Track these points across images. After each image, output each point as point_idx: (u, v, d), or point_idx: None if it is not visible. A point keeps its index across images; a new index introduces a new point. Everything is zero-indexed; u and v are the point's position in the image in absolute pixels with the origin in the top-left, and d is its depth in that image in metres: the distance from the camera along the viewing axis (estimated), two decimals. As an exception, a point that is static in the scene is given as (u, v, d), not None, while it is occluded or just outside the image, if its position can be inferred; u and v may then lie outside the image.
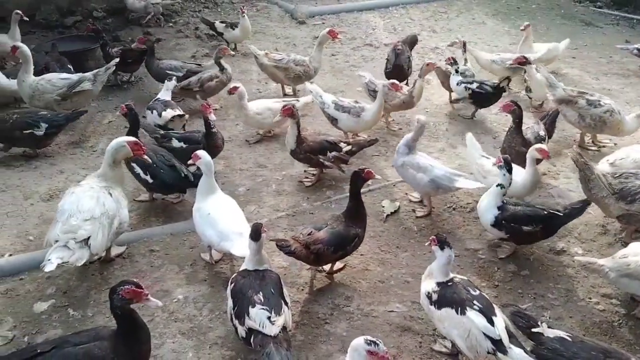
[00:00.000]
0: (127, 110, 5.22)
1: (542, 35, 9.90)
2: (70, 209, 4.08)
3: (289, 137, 5.47)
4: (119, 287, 3.09)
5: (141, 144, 4.38)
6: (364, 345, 2.85)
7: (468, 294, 3.50)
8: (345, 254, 4.23)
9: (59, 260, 3.79)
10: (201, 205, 4.37)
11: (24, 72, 6.31)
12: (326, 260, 4.23)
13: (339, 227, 4.18)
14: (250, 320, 3.36)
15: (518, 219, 4.39)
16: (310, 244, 4.03)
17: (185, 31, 9.70)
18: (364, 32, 10.02)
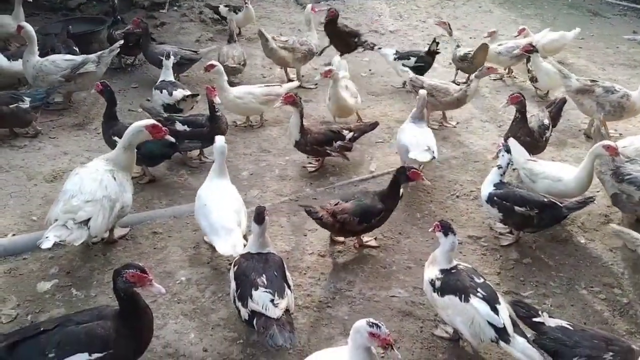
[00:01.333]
0: (102, 87, 5.24)
1: (549, 24, 9.82)
2: (73, 190, 4.09)
3: (293, 128, 5.39)
4: (124, 270, 3.07)
5: (160, 126, 4.33)
6: (366, 327, 2.85)
7: (472, 281, 3.49)
8: (369, 227, 4.34)
9: (56, 238, 3.80)
10: (202, 193, 4.37)
11: (29, 52, 6.30)
12: (351, 231, 4.34)
13: (366, 200, 4.31)
14: (253, 302, 3.36)
15: (511, 198, 4.40)
16: (337, 212, 4.21)
17: (189, 15, 9.66)
18: (369, 18, 9.97)
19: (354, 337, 2.89)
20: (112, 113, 5.25)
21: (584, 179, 4.66)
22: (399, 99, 7.20)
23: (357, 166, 5.76)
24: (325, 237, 4.71)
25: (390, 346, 2.79)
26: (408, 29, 9.58)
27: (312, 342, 3.71)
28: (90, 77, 6.42)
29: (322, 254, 4.53)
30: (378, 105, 7.07)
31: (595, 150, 4.57)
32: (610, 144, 4.56)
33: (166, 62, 6.38)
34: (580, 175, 4.66)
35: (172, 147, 5.13)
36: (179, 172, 5.54)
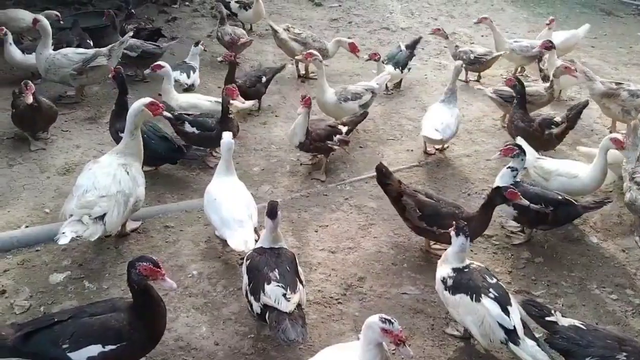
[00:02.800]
0: (115, 74, 5.30)
1: (562, 23, 9.78)
2: (86, 185, 4.10)
3: (298, 129, 5.21)
4: (137, 263, 3.06)
5: (157, 102, 4.35)
6: (379, 323, 2.85)
7: (484, 281, 3.48)
8: (430, 231, 4.21)
9: (73, 234, 3.82)
10: (211, 189, 4.37)
11: (42, 45, 6.33)
12: (408, 219, 4.27)
13: (445, 208, 4.17)
14: (265, 296, 3.37)
15: (526, 196, 4.31)
16: (406, 193, 4.25)
17: (201, 10, 9.67)
18: (380, 15, 9.95)
19: (366, 333, 2.89)
20: (123, 101, 5.26)
21: (598, 174, 4.65)
22: (411, 96, 7.19)
23: (368, 163, 5.76)
24: (336, 234, 4.71)
25: (402, 343, 2.79)
26: (419, 26, 9.56)
27: (322, 338, 3.72)
28: (102, 70, 6.42)
29: (332, 250, 4.53)
30: (389, 102, 7.05)
31: (604, 144, 4.59)
32: (617, 136, 4.58)
33: (194, 48, 6.86)
34: (594, 170, 4.66)
35: (179, 152, 5.16)
36: (190, 166, 5.55)
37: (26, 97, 5.27)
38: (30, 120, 5.56)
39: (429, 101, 7.01)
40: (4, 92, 6.74)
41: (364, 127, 6.40)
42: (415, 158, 5.80)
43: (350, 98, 5.97)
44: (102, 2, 9.64)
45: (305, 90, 7.22)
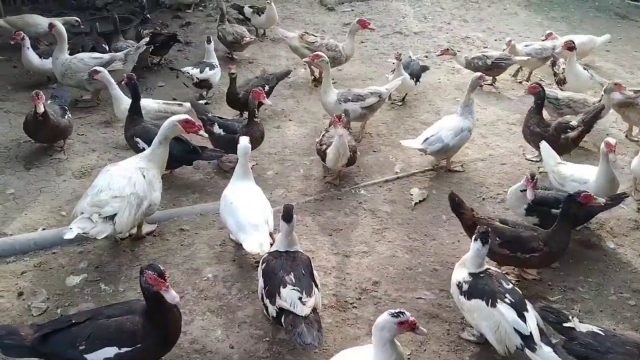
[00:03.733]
0: (128, 80, 5.34)
1: (575, 27, 9.74)
2: (102, 185, 4.15)
3: (344, 150, 5.01)
4: (146, 270, 3.06)
5: (193, 121, 4.38)
6: (392, 319, 2.86)
7: (500, 286, 3.45)
8: (514, 257, 4.00)
9: (79, 230, 3.86)
10: (227, 193, 4.39)
11: (59, 50, 6.41)
12: (492, 250, 3.92)
13: (524, 232, 4.00)
14: (281, 300, 3.37)
15: (547, 202, 4.41)
16: (481, 219, 4.06)
17: (215, 15, 9.71)
18: (393, 19, 9.95)
19: (379, 334, 2.90)
20: (136, 108, 5.32)
21: (601, 180, 4.62)
22: (425, 101, 7.17)
23: (381, 167, 5.75)
24: (350, 238, 4.71)
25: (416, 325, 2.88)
26: (432, 30, 9.54)
27: (337, 342, 3.71)
28: (118, 75, 6.47)
29: (347, 254, 4.53)
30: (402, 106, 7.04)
31: (603, 149, 4.58)
32: (608, 140, 4.59)
33: (207, 46, 7.04)
34: (598, 176, 4.64)
35: (195, 154, 5.18)
36: (205, 170, 5.58)
37: (37, 107, 5.19)
38: (34, 131, 5.46)
39: (442, 105, 7.00)
40: (20, 96, 6.84)
41: (378, 131, 6.40)
42: (429, 162, 5.79)
43: (350, 99, 5.96)
44: (117, 7, 9.74)
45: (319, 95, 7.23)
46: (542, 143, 5.10)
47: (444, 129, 5.41)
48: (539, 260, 4.00)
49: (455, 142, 5.41)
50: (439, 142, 5.36)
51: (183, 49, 8.29)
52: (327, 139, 5.24)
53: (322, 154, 5.22)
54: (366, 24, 7.15)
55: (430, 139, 5.39)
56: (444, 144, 5.36)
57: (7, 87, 7.03)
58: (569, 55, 6.63)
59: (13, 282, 4.13)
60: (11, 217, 4.79)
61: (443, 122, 5.56)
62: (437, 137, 5.38)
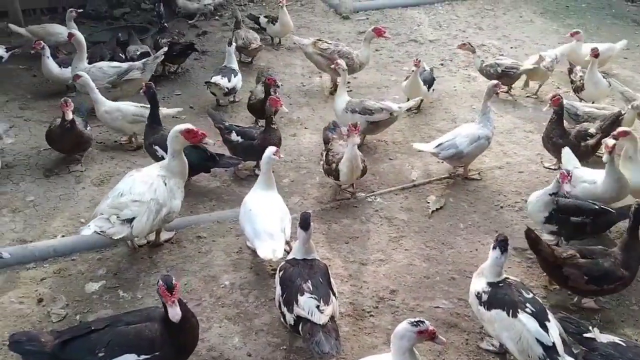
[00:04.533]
0: (147, 89, 5.38)
1: (592, 34, 9.65)
2: (123, 189, 4.22)
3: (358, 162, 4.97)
4: (159, 280, 3.07)
5: (195, 130, 4.35)
6: (411, 328, 2.86)
7: (520, 296, 3.42)
8: (600, 291, 3.92)
9: (96, 228, 3.92)
10: (247, 200, 4.42)
11: (78, 59, 6.49)
12: (573, 287, 3.96)
13: (606, 263, 3.87)
14: (298, 308, 3.37)
15: (568, 209, 4.40)
16: (565, 262, 3.88)
17: (230, 24, 9.76)
18: (408, 28, 9.94)
19: (399, 343, 2.89)
20: (155, 116, 5.38)
21: (610, 181, 4.64)
22: (441, 108, 7.15)
23: (397, 174, 5.74)
24: (367, 246, 4.70)
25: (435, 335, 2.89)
26: (447, 38, 9.51)
27: (355, 351, 3.70)
28: (136, 84, 6.54)
29: (363, 262, 4.52)
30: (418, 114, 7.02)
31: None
32: (607, 142, 4.63)
33: (228, 48, 7.04)
34: (606, 178, 4.67)
35: (212, 161, 5.21)
36: (222, 178, 5.60)
37: (66, 113, 5.26)
38: (58, 139, 5.47)
39: (458, 113, 6.97)
40: (40, 104, 6.93)
41: (394, 139, 6.38)
42: (445, 170, 5.76)
43: (357, 111, 5.86)
44: (135, 17, 9.85)
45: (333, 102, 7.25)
46: (565, 148, 5.12)
47: (460, 135, 5.38)
48: (622, 286, 3.93)
49: (470, 150, 5.36)
50: (452, 148, 5.34)
51: (199, 57, 8.34)
52: (333, 156, 5.09)
53: (334, 172, 5.03)
54: (382, 32, 7.14)
55: (445, 144, 5.37)
56: (457, 150, 5.33)
57: (26, 96, 7.13)
58: (591, 63, 6.57)
59: (33, 288, 4.18)
60: (31, 224, 4.85)
61: (461, 129, 5.55)
62: (452, 142, 5.36)
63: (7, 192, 5.25)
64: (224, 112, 6.75)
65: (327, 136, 5.46)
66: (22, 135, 6.16)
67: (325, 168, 5.19)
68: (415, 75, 6.60)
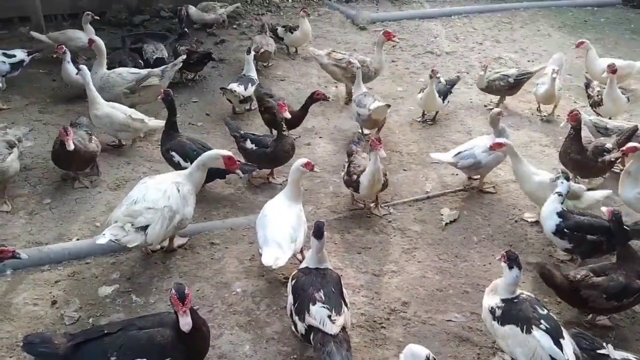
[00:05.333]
0: (165, 95, 5.44)
1: (611, 49, 9.60)
2: (137, 197, 4.24)
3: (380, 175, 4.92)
4: (172, 288, 3.07)
5: (234, 158, 4.48)
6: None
7: (535, 312, 3.38)
8: (620, 307, 3.89)
9: (111, 236, 3.94)
10: (268, 205, 4.46)
11: (98, 64, 6.59)
12: (593, 307, 3.90)
13: (619, 275, 3.85)
14: (310, 317, 3.36)
15: (582, 227, 4.33)
16: (582, 286, 3.84)
17: (248, 33, 9.86)
18: (425, 39, 9.96)
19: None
20: (173, 123, 5.43)
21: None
22: (456, 120, 7.14)
23: (411, 186, 5.72)
24: (379, 257, 4.68)
25: None
26: (464, 50, 9.52)
27: (366, 362, 3.68)
28: (154, 90, 6.60)
29: (376, 273, 4.50)
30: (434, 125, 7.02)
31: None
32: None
33: (247, 57, 7.22)
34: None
35: None
36: (236, 185, 5.63)
37: (67, 144, 5.01)
38: (65, 161, 5.31)
39: (473, 125, 6.96)
40: (59, 108, 7.02)
41: (408, 150, 6.38)
42: (460, 182, 5.74)
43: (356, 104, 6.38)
44: (154, 24, 9.97)
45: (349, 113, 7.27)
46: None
47: (478, 145, 5.38)
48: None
49: (488, 161, 5.36)
50: (471, 157, 5.34)
51: (217, 65, 8.41)
52: (355, 168, 5.07)
53: (355, 183, 4.99)
54: (391, 36, 7.26)
55: (463, 153, 5.38)
56: (475, 160, 5.33)
57: (46, 100, 7.23)
58: (609, 79, 6.53)
59: (47, 290, 4.22)
60: (47, 227, 4.90)
61: (478, 140, 5.55)
62: (470, 152, 5.36)
63: (25, 195, 5.32)
64: (239, 120, 6.79)
65: (351, 149, 5.45)
66: (41, 139, 6.24)
67: (345, 179, 5.17)
68: (431, 86, 6.60)
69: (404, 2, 12.14)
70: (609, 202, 5.10)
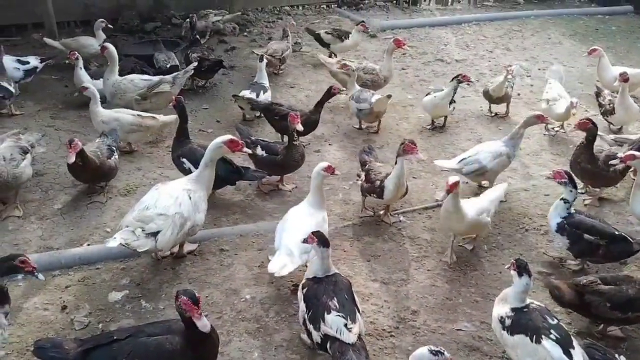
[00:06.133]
0: (177, 102, 5.48)
1: (622, 58, 9.57)
2: (148, 202, 4.27)
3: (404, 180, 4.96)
4: (181, 295, 3.08)
5: (237, 140, 4.49)
6: (430, 355, 2.84)
7: (544, 322, 3.36)
8: (625, 319, 3.81)
9: (122, 240, 3.97)
10: (292, 210, 4.46)
11: (109, 71, 6.64)
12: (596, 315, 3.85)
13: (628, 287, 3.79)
14: (326, 326, 3.35)
15: (582, 226, 4.37)
16: (587, 292, 3.80)
17: (259, 41, 9.93)
18: (435, 47, 9.97)
19: None
20: (184, 130, 5.46)
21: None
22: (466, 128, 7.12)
23: (421, 194, 5.71)
24: (389, 265, 4.66)
25: None
26: (475, 58, 9.52)
27: (374, 371, 3.66)
28: (165, 97, 6.64)
29: (385, 281, 4.49)
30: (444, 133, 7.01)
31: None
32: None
33: (260, 64, 7.26)
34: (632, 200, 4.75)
35: (238, 173, 5.27)
36: (246, 192, 5.64)
37: (68, 157, 4.97)
38: (76, 172, 5.28)
39: (484, 133, 6.94)
40: (70, 114, 7.10)
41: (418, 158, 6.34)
42: (471, 190, 5.72)
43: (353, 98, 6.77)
44: (165, 31, 10.06)
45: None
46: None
47: (483, 151, 5.39)
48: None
49: (492, 166, 5.35)
50: (476, 163, 5.32)
51: (227, 72, 8.47)
52: (376, 175, 5.03)
53: (378, 189, 4.94)
54: (401, 44, 7.34)
55: (468, 159, 5.36)
56: (480, 165, 5.31)
57: (58, 106, 7.30)
58: (621, 88, 6.49)
59: (57, 295, 4.24)
60: (58, 232, 4.93)
61: (483, 145, 5.55)
62: (475, 158, 5.35)
63: (36, 200, 5.36)
64: (249, 127, 6.81)
65: (364, 159, 5.46)
66: (53, 144, 6.30)
67: (365, 187, 5.14)
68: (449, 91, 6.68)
69: (414, 10, 12.19)
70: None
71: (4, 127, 6.50)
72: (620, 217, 5.34)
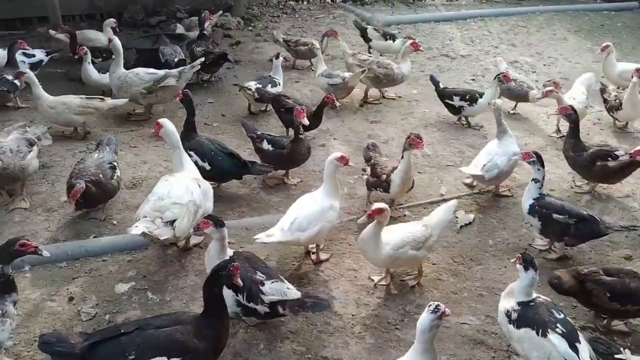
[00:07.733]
0: (183, 96, 5.51)
1: (627, 54, 9.55)
2: (162, 193, 4.36)
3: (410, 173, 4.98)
4: (228, 265, 3.22)
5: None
6: (434, 316, 3.10)
7: (551, 316, 3.37)
8: (625, 311, 3.83)
9: (145, 229, 4.08)
10: (308, 193, 4.66)
11: (115, 64, 6.65)
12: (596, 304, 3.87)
13: (630, 280, 3.81)
14: (267, 296, 3.59)
15: (551, 207, 4.51)
16: (587, 279, 3.83)
17: (263, 35, 9.93)
18: (440, 42, 9.96)
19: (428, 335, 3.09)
20: (191, 123, 5.48)
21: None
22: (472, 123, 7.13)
23: (426, 188, 5.72)
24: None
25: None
26: (480, 54, 9.50)
27: (379, 364, 3.68)
28: (171, 91, 6.64)
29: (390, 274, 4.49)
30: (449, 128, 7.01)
31: None
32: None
33: (275, 61, 7.31)
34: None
35: (244, 168, 5.29)
36: (251, 185, 5.66)
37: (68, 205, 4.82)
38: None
39: (489, 128, 6.93)
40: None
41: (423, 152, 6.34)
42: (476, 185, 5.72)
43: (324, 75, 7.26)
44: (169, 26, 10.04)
45: (364, 115, 7.28)
46: None
47: (497, 154, 5.31)
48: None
49: (508, 168, 5.36)
50: (495, 168, 5.26)
51: (232, 67, 8.47)
52: (382, 169, 5.04)
53: (385, 183, 4.97)
54: (417, 47, 7.53)
55: (487, 165, 5.27)
56: (500, 170, 5.27)
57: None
58: (632, 83, 6.45)
59: (64, 286, 4.26)
60: (64, 224, 4.96)
61: (492, 147, 5.45)
62: (494, 163, 5.27)
63: (43, 192, 5.38)
64: (254, 121, 6.83)
65: (369, 155, 5.46)
66: (58, 138, 6.31)
67: (372, 181, 5.16)
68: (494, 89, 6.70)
69: (419, 5, 12.16)
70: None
71: (10, 120, 6.53)
72: (625, 213, 5.34)
